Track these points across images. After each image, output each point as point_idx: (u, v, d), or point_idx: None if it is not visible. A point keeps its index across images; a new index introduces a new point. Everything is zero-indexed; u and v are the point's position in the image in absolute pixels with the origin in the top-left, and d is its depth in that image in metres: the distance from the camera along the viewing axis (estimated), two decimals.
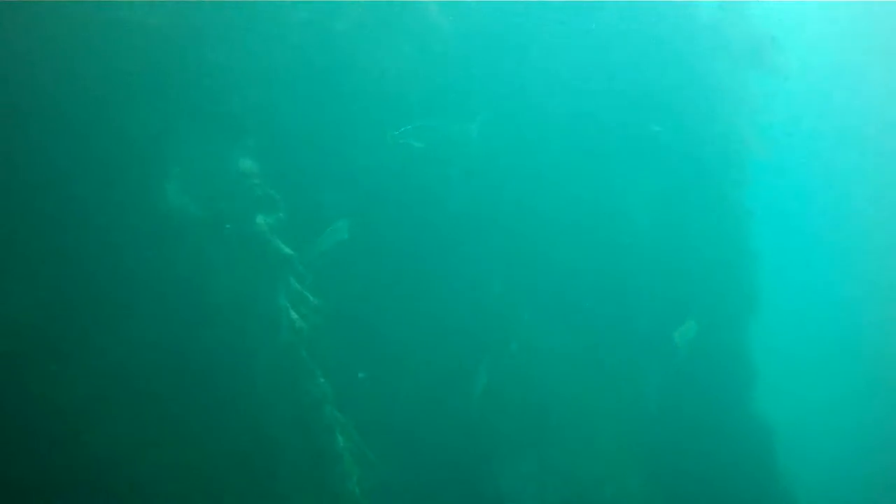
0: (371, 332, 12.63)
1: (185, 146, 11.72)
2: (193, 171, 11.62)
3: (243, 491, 11.12)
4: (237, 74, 12.29)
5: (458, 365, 13.85)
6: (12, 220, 10.44)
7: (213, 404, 11.15)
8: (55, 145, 10.69)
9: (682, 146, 16.95)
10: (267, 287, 11.30)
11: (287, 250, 11.48)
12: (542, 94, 15.46)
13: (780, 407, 18.05)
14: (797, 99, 21.38)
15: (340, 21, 13.21)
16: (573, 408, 15.16)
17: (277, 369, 11.16)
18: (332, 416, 11.25)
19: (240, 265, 11.29)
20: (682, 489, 15.95)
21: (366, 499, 11.80)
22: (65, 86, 10.72)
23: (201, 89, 11.93)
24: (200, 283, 11.25)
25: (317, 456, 11.20)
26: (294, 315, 11.21)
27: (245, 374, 11.20)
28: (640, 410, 16.01)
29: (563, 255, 15.50)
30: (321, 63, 13.15)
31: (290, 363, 11.19)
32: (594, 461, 15.46)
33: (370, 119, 13.39)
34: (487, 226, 14.84)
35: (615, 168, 16.25)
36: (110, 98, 11.08)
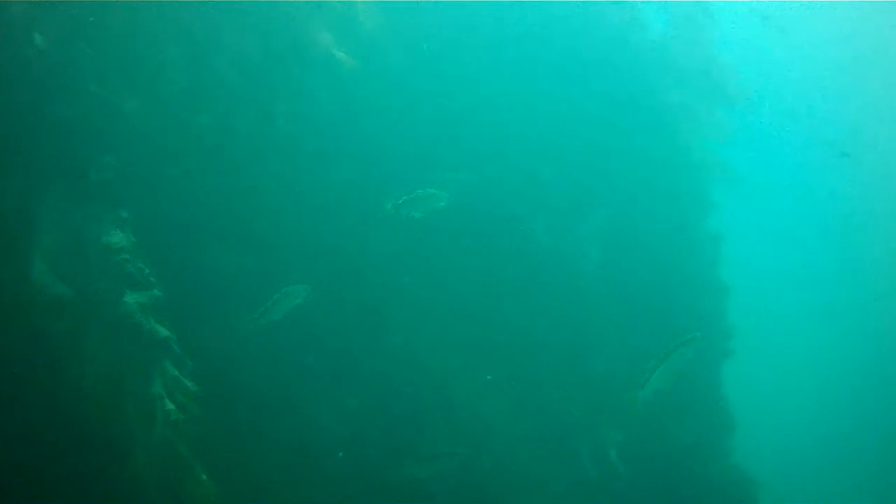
0: (270, 421, 11.25)
1: (54, 215, 10.55)
2: (61, 245, 10.43)
3: None
4: (112, 131, 11.10)
5: (387, 449, 12.44)
6: None
7: None
8: None
9: (637, 177, 15.64)
10: (139, 374, 10.03)
11: (163, 332, 10.22)
12: (470, 135, 14.13)
13: (757, 454, 16.58)
14: (756, 125, 19.99)
15: (231, 68, 12.00)
16: (526, 477, 13.71)
17: (154, 467, 9.85)
18: None
19: (109, 350, 10.03)
20: None
21: None
22: None
23: (70, 149, 10.77)
24: (66, 370, 10.00)
25: None
26: (170, 405, 9.92)
27: (121, 474, 9.90)
28: (604, 469, 14.56)
29: (510, 307, 14.11)
30: (212, 121, 11.95)
31: (167, 460, 9.87)
32: None
33: (268, 183, 12.20)
34: (418, 285, 13.54)
35: (563, 203, 14.91)
36: None
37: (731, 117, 17.01)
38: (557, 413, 14.09)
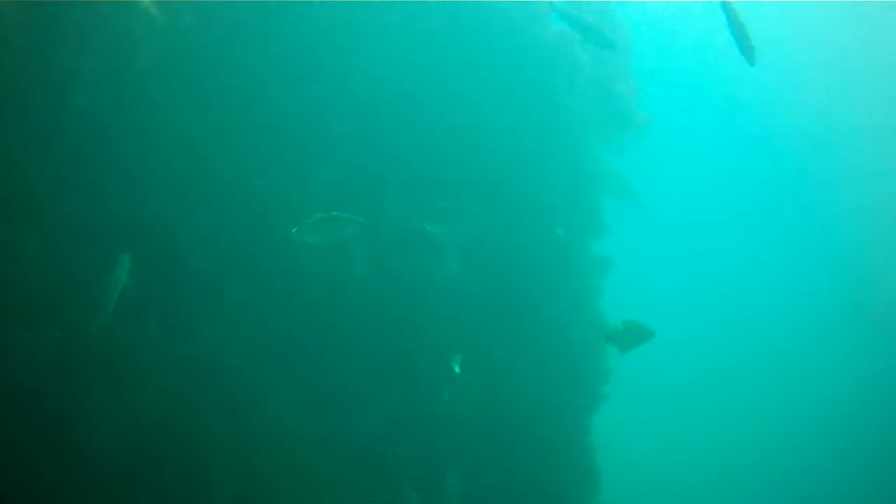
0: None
1: None
2: None
3: None
4: None
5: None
6: None
7: None
8: None
9: (517, 180, 13.46)
10: None
11: None
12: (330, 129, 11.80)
13: None
14: (655, 146, 18.05)
15: None
16: None
17: None
18: None
19: None
20: None
21: None
22: None
23: None
24: None
25: None
26: None
27: None
28: None
29: (341, 315, 11.75)
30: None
31: None
32: None
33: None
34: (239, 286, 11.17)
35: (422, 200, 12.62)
36: None
37: (633, 134, 15.09)
38: (382, 445, 11.79)
